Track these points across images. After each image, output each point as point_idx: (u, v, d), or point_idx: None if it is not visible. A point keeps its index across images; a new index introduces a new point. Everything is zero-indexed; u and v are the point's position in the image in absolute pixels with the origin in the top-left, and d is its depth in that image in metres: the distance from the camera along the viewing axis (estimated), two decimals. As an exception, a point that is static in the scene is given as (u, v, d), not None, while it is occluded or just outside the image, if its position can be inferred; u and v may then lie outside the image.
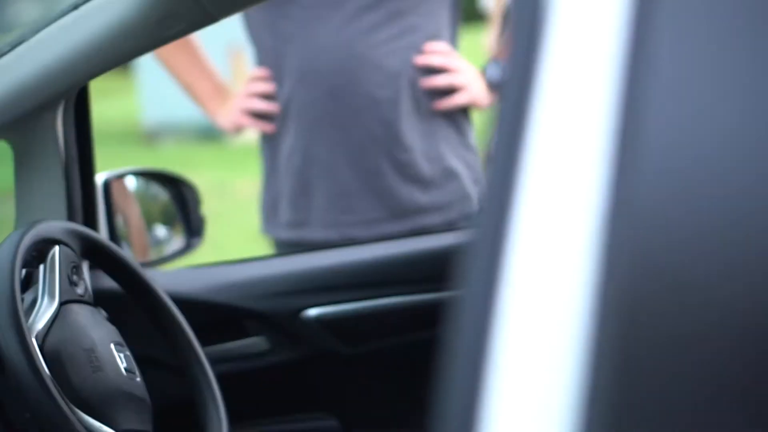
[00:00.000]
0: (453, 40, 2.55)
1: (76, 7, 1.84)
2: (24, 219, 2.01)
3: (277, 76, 2.52)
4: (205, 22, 1.76)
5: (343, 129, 2.46)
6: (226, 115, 2.65)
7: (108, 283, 1.80)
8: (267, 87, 2.53)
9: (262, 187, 2.62)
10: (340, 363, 2.09)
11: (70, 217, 1.98)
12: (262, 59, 2.56)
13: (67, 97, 1.96)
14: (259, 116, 2.58)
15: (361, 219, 2.46)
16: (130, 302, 1.79)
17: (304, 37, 2.46)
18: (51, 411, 1.44)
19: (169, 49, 2.63)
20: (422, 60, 2.47)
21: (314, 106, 2.46)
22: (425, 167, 2.47)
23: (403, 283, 2.05)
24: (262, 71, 2.55)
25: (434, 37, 2.49)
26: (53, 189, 2.02)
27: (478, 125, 2.65)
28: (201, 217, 2.35)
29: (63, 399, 1.46)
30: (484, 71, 2.59)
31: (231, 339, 2.09)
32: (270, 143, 2.56)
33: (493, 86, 2.54)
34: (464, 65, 2.52)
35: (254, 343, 2.09)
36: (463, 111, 2.54)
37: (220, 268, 2.16)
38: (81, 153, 2.03)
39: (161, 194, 2.35)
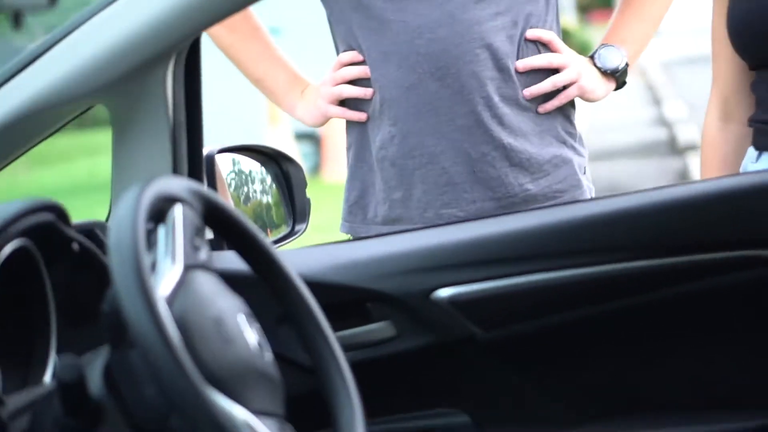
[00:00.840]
0: (556, 21, 2.38)
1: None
2: (122, 189, 1.85)
3: (369, 60, 2.33)
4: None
5: (448, 113, 2.27)
6: (308, 107, 2.45)
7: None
8: (358, 71, 2.34)
9: (347, 183, 2.42)
10: (475, 350, 1.88)
11: None
12: (349, 43, 2.37)
13: (179, 50, 1.79)
14: (347, 104, 2.39)
15: (466, 212, 2.26)
16: (252, 281, 1.58)
17: (402, 17, 2.28)
18: (183, 387, 1.26)
19: (237, 39, 2.44)
20: (523, 64, 2.28)
21: (415, 89, 2.27)
22: (534, 153, 2.28)
23: (545, 257, 1.85)
24: (350, 55, 2.35)
25: (537, 15, 2.31)
26: (157, 157, 1.86)
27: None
28: (306, 199, 2.16)
29: (197, 374, 1.27)
30: (592, 59, 2.39)
31: (354, 324, 1.89)
32: (358, 134, 2.37)
33: (607, 72, 2.35)
34: (570, 57, 2.33)
35: (379, 328, 1.89)
36: None
37: (340, 246, 1.96)
38: (189, 117, 1.86)
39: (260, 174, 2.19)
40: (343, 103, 2.39)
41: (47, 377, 1.58)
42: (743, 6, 2.19)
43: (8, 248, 1.51)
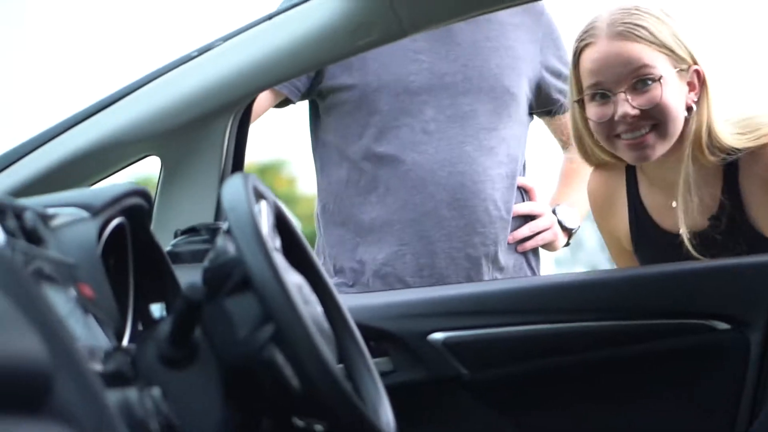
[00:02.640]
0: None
1: (270, 17, 2.02)
2: (169, 224, 2.11)
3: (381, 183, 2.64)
4: (397, 35, 1.94)
5: (460, 241, 2.62)
6: None
7: None
8: None
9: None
10: (461, 389, 2.19)
11: None
12: (346, 166, 2.66)
13: (239, 108, 2.12)
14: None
15: None
16: None
17: (423, 149, 2.61)
18: (297, 325, 1.52)
19: None
20: (519, 209, 2.68)
21: (431, 216, 2.60)
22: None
23: (526, 313, 2.19)
24: None
25: (521, 162, 2.72)
26: (204, 203, 2.15)
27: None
28: None
29: (308, 315, 1.55)
30: (554, 213, 2.80)
31: (357, 357, 2.19)
32: (339, 239, 2.66)
33: (564, 228, 2.75)
34: (545, 206, 2.74)
35: (379, 362, 2.19)
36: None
37: (354, 294, 2.27)
38: (235, 166, 2.18)
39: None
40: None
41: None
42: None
43: (114, 223, 1.79)
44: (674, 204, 2.38)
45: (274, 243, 1.71)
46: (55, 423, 1.13)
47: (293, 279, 1.67)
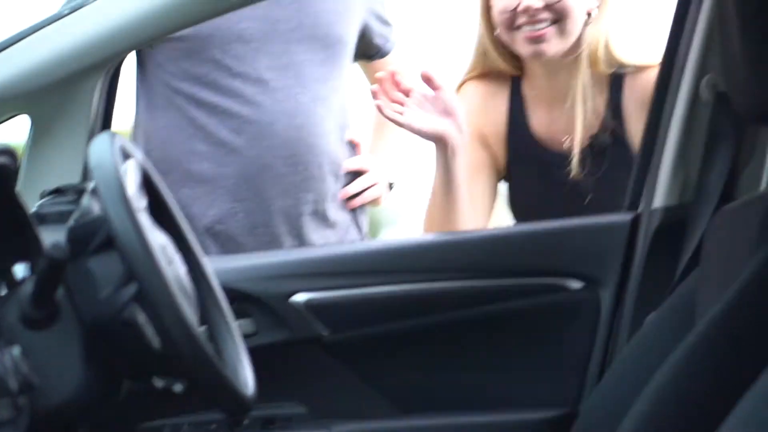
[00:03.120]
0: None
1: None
2: (38, 184, 2.10)
3: (215, 132, 2.59)
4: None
5: (295, 198, 2.61)
6: None
7: None
8: None
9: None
10: (323, 349, 2.23)
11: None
12: (170, 109, 2.59)
13: (109, 67, 2.11)
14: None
15: None
16: None
17: (261, 100, 2.57)
18: (158, 286, 1.53)
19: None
20: (349, 165, 2.68)
21: (269, 171, 2.57)
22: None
23: (385, 273, 2.23)
24: None
25: (347, 112, 2.71)
26: (71, 162, 2.14)
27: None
28: None
29: (168, 275, 1.56)
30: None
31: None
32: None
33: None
34: (373, 162, 2.75)
35: (241, 324, 2.21)
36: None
37: (217, 257, 2.29)
38: (104, 126, 2.18)
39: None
40: None
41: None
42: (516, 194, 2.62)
43: None
44: (560, 113, 2.52)
45: (139, 203, 1.73)
46: None
47: (157, 239, 1.69)
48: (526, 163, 2.57)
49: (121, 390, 1.75)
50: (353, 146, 2.71)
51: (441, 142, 2.35)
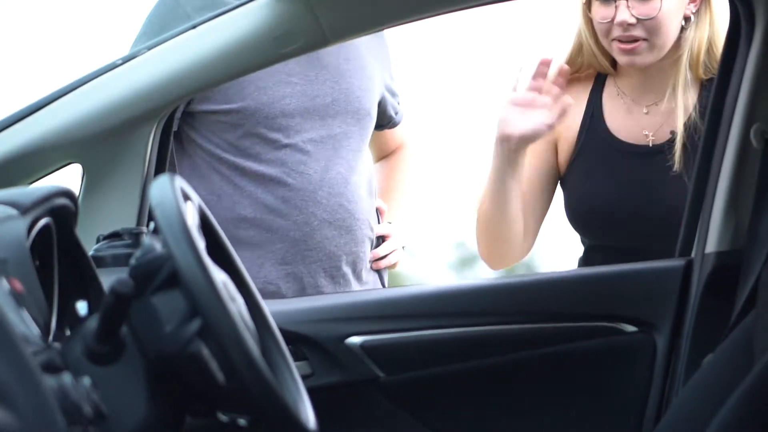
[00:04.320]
0: None
1: (194, 26, 2.07)
2: (92, 230, 2.14)
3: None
4: (321, 43, 1.99)
5: (337, 261, 2.69)
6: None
7: None
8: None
9: None
10: (378, 390, 2.25)
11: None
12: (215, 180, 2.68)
13: (163, 115, 2.16)
14: None
15: None
16: None
17: (303, 170, 2.68)
18: (226, 326, 1.56)
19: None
20: (379, 230, 2.78)
21: (313, 236, 2.66)
22: None
23: (440, 316, 2.25)
24: None
25: (374, 180, 2.83)
26: (126, 207, 2.18)
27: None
28: None
29: (237, 312, 1.59)
30: None
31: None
32: None
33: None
34: (395, 230, 2.86)
35: (297, 366, 2.23)
36: None
37: (271, 300, 2.32)
38: (157, 173, 2.21)
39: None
40: None
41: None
42: (582, 188, 2.65)
43: (41, 222, 1.82)
44: (645, 111, 2.63)
45: (199, 244, 1.75)
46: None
47: (219, 276, 1.71)
48: (595, 151, 2.61)
49: (184, 426, 1.77)
50: (379, 212, 2.82)
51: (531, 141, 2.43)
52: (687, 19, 2.59)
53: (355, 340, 2.24)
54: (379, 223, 2.82)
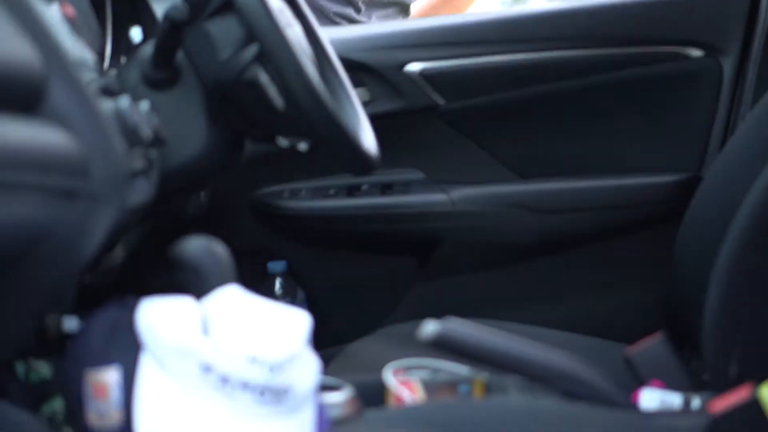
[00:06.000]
0: None
1: None
2: None
3: None
4: None
5: None
6: None
7: None
8: None
9: None
10: (437, 117, 2.23)
11: None
12: None
13: None
14: None
15: None
16: None
17: None
18: (284, 51, 1.54)
19: None
20: None
21: None
22: None
23: (501, 43, 2.20)
24: None
25: None
26: None
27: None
28: None
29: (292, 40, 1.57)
30: None
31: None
32: None
33: None
34: None
35: (357, 93, 2.21)
36: None
37: (328, 27, 2.27)
38: None
39: None
40: None
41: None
42: None
43: None
44: None
45: None
46: (49, 124, 1.15)
47: (275, 2, 1.68)
48: None
49: (243, 152, 1.77)
50: None
51: None
52: None
53: (414, 67, 2.20)
54: None
